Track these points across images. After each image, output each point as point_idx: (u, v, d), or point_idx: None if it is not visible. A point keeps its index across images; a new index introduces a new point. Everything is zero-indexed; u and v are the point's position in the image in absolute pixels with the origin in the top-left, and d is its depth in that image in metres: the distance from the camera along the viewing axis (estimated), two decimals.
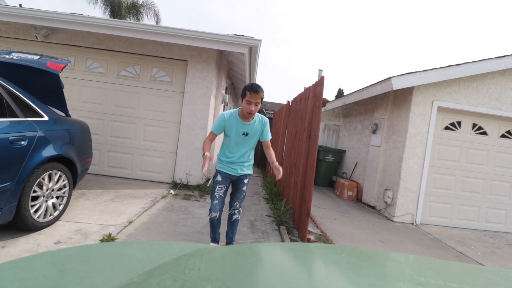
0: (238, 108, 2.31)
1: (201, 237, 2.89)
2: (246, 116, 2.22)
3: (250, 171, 2.45)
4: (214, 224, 2.43)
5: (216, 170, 2.40)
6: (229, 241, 2.54)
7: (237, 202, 2.47)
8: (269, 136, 2.43)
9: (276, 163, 2.31)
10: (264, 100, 2.27)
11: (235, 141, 2.30)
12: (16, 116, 2.34)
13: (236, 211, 2.48)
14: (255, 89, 2.13)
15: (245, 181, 2.43)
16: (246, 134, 2.29)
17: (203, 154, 2.21)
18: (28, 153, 2.29)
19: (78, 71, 4.84)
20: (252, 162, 2.47)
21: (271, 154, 2.41)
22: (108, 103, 4.85)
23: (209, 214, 2.36)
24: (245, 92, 2.16)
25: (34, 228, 2.45)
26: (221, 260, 0.69)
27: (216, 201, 2.32)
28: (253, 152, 2.45)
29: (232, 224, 2.50)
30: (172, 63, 4.92)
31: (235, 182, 2.43)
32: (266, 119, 2.40)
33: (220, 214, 2.37)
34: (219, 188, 2.34)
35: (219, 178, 2.35)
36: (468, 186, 4.96)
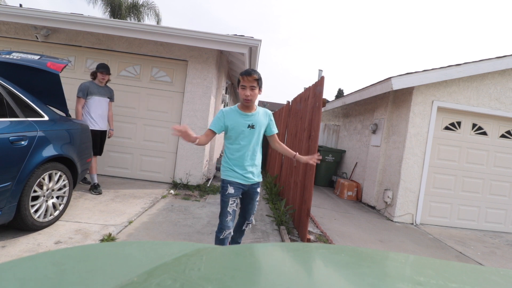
0: (237, 104, 2.07)
1: (201, 237, 2.89)
2: (245, 104, 1.98)
3: (261, 178, 2.19)
4: (224, 244, 2.06)
5: (225, 180, 2.05)
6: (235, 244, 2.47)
7: (252, 216, 2.24)
8: (276, 129, 2.21)
9: (298, 155, 2.19)
10: (264, 100, 2.14)
11: (242, 136, 2.01)
12: (17, 116, 2.34)
13: (250, 224, 2.29)
14: (247, 72, 1.92)
15: (258, 190, 2.18)
16: (252, 127, 2.01)
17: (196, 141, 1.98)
18: (28, 153, 2.29)
19: (78, 71, 4.84)
20: (260, 167, 2.21)
21: (285, 147, 2.25)
22: None
23: (219, 233, 2.03)
24: (238, 78, 1.98)
25: (34, 228, 2.45)
26: (221, 260, 0.69)
27: (229, 217, 2.01)
28: (260, 155, 2.17)
29: (242, 231, 2.33)
30: (172, 63, 4.92)
31: (248, 193, 2.12)
32: (270, 111, 2.18)
33: (232, 231, 2.08)
34: (232, 202, 2.02)
35: (231, 190, 2.00)
36: (468, 186, 4.96)
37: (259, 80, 1.95)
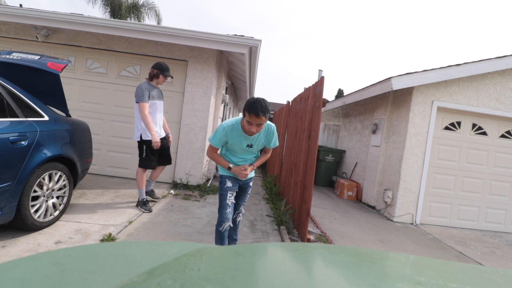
0: (240, 119, 2.07)
1: (201, 237, 2.89)
2: (248, 135, 2.05)
3: (253, 174, 2.38)
4: (223, 236, 2.19)
5: (223, 175, 2.23)
6: (233, 242, 2.52)
7: (242, 206, 2.44)
8: (276, 144, 2.26)
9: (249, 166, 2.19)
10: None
11: (240, 151, 2.17)
12: (17, 116, 2.34)
13: (240, 214, 2.46)
14: (255, 112, 1.79)
15: (251, 183, 2.40)
16: (251, 146, 2.15)
17: (229, 167, 2.12)
18: (29, 153, 2.29)
19: (79, 71, 4.84)
20: None
21: (263, 158, 2.31)
22: (108, 103, 4.85)
23: (219, 226, 2.14)
24: (244, 111, 1.87)
25: (34, 228, 2.45)
26: (221, 260, 0.69)
27: (228, 209, 2.14)
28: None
29: (236, 226, 2.49)
30: (172, 63, 4.91)
31: (242, 186, 2.34)
32: (273, 127, 2.17)
33: (231, 223, 2.21)
34: (230, 195, 2.18)
35: (229, 184, 2.18)
36: (468, 186, 4.96)
37: (266, 117, 1.87)
